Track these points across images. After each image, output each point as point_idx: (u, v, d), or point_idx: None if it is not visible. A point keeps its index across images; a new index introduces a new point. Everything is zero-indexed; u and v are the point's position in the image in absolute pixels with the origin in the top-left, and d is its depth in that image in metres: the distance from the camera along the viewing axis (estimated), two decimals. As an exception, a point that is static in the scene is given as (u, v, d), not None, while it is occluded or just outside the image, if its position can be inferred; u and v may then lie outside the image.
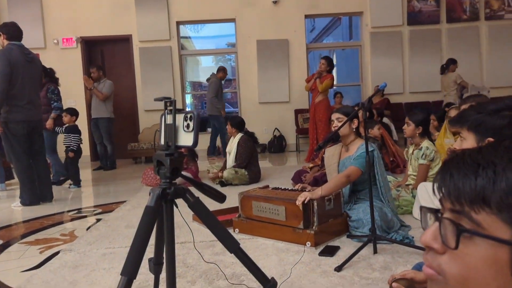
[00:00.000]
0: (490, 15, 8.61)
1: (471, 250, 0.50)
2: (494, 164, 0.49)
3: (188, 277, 2.19)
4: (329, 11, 8.90)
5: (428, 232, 0.54)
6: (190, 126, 1.07)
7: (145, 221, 1.04)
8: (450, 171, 0.52)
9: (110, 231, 3.19)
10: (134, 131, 8.48)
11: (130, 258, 1.03)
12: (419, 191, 3.13)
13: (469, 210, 0.50)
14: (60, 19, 8.30)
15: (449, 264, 0.52)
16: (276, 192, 2.95)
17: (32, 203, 4.34)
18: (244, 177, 4.85)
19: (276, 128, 8.61)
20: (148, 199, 1.09)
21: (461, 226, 0.50)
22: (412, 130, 3.48)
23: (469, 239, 0.50)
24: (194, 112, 1.08)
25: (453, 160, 0.54)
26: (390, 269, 2.17)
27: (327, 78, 6.14)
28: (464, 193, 0.50)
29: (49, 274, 2.35)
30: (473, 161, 0.51)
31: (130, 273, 1.01)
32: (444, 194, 0.53)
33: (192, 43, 13.88)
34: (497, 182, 0.48)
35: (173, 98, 1.10)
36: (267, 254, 2.50)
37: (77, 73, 8.37)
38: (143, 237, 1.03)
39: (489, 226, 0.49)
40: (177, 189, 1.10)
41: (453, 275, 0.52)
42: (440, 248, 0.53)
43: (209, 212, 1.14)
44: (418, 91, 8.65)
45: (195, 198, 1.12)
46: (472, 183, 0.50)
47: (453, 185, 0.52)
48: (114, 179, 6.03)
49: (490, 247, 0.48)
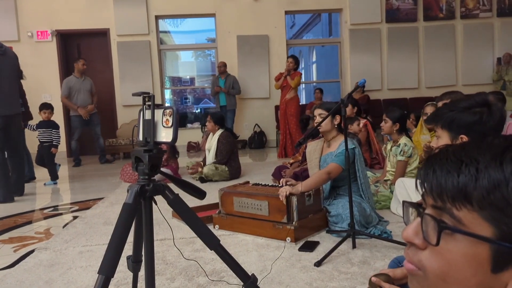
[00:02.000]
0: (466, 13, 8.79)
1: (452, 246, 0.50)
2: (477, 162, 0.49)
3: (168, 274, 2.17)
4: (309, 8, 8.92)
5: (410, 227, 0.54)
6: (169, 122, 1.05)
7: (123, 218, 1.02)
8: (433, 167, 0.52)
9: (87, 229, 3.13)
10: (112, 126, 8.33)
11: (107, 256, 1.00)
12: (397, 187, 3.19)
13: (451, 207, 0.50)
14: (35, 11, 8.06)
15: (430, 259, 0.52)
16: (256, 188, 2.95)
17: (5, 200, 4.24)
18: (224, 173, 4.83)
19: (256, 124, 8.61)
20: (126, 196, 1.07)
21: (442, 223, 0.50)
22: (390, 127, 3.53)
23: (450, 236, 0.50)
24: (174, 108, 1.06)
25: (436, 156, 0.54)
26: (369, 263, 2.20)
27: (297, 75, 6.52)
28: (446, 190, 0.50)
29: (23, 274, 2.29)
30: (456, 158, 0.51)
31: (107, 272, 0.99)
32: (427, 190, 0.53)
33: (172, 38, 13.71)
34: (479, 180, 0.48)
35: (152, 93, 1.08)
36: (248, 250, 2.50)
37: (53, 67, 8.17)
38: (121, 235, 1.01)
39: (470, 223, 0.49)
40: (156, 186, 1.08)
41: (433, 270, 0.52)
42: (421, 244, 0.53)
43: (189, 208, 1.13)
44: (396, 88, 8.78)
45: (174, 195, 1.11)
46: (455, 180, 0.50)
47: (436, 182, 0.52)
48: (92, 176, 5.92)
49: (471, 244, 0.49)
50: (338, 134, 2.99)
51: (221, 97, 7.90)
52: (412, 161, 3.44)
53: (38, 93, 7.65)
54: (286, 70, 6.57)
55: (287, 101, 6.59)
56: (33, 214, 3.78)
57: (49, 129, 5.34)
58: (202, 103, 18.04)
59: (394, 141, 3.56)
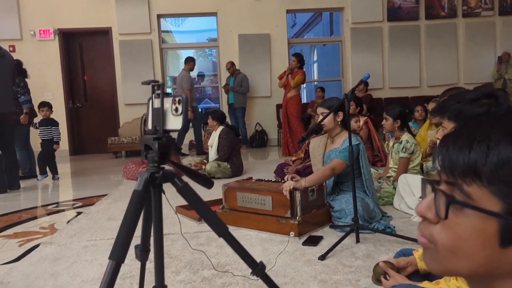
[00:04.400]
0: (467, 12, 8.80)
1: (462, 220, 0.51)
2: (489, 139, 0.51)
3: (173, 268, 2.18)
4: (311, 6, 8.94)
5: (423, 202, 0.56)
6: (178, 110, 1.06)
7: (133, 205, 1.03)
8: (447, 145, 0.54)
9: (92, 224, 3.14)
10: (114, 125, 8.35)
11: (118, 242, 1.01)
12: (400, 183, 3.20)
13: (462, 182, 0.51)
14: (37, 10, 8.08)
15: (440, 233, 0.53)
16: (260, 183, 2.96)
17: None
18: (226, 170, 4.84)
19: (257, 123, 8.62)
20: (136, 183, 1.08)
21: (452, 198, 0.52)
22: (391, 124, 3.54)
23: (460, 210, 0.51)
24: (183, 96, 1.07)
25: (452, 134, 0.55)
26: (373, 257, 2.21)
27: (298, 74, 6.44)
28: (457, 166, 0.52)
29: (29, 267, 2.31)
30: (470, 135, 0.53)
31: (118, 257, 1.00)
32: (441, 166, 0.54)
33: (173, 38, 13.74)
34: (489, 156, 0.50)
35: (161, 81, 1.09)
36: (252, 244, 2.51)
37: (55, 66, 8.19)
38: (131, 221, 1.02)
39: (479, 198, 0.50)
40: (165, 173, 1.09)
41: (443, 244, 0.53)
42: (433, 218, 0.54)
43: (198, 196, 1.14)
44: (397, 87, 8.78)
45: (183, 182, 1.12)
46: (466, 157, 0.51)
47: (448, 158, 0.53)
48: (94, 173, 5.94)
49: (480, 218, 0.50)
50: (342, 130, 2.99)
51: (230, 95, 7.94)
52: (415, 157, 3.45)
53: (40, 92, 7.67)
54: (288, 68, 6.54)
55: (288, 99, 6.56)
56: (37, 210, 3.79)
57: (48, 127, 5.42)
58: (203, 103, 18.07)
59: (396, 138, 3.57)
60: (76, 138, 8.53)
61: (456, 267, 0.53)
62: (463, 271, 0.53)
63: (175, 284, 1.99)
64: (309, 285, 1.91)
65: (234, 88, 7.81)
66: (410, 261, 1.42)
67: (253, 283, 1.92)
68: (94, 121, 8.53)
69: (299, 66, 6.52)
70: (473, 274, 0.53)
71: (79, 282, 2.08)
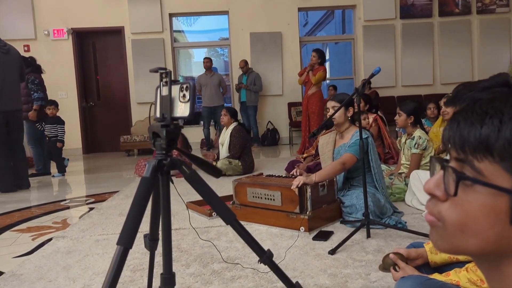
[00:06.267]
0: (482, 9, 8.67)
1: (471, 197, 0.50)
2: (502, 114, 0.49)
3: (183, 261, 2.19)
4: (323, 4, 8.90)
5: (432, 180, 0.54)
6: (186, 97, 1.06)
7: (141, 191, 1.03)
8: (458, 120, 0.53)
9: (104, 219, 3.17)
10: (126, 123, 8.42)
11: (126, 227, 1.02)
12: (411, 179, 3.16)
13: (472, 158, 0.50)
14: (51, 10, 8.20)
15: (449, 210, 0.52)
16: (270, 179, 2.96)
17: (8, 190, 4.44)
18: (238, 168, 4.85)
19: (269, 121, 8.61)
20: (144, 170, 1.09)
21: (462, 174, 0.50)
22: (404, 120, 3.50)
23: (470, 187, 0.50)
24: (190, 83, 1.07)
25: (463, 110, 0.54)
26: (384, 252, 2.18)
27: (319, 70, 6.23)
28: (468, 141, 0.50)
29: (41, 260, 2.34)
30: (482, 111, 0.51)
31: (126, 242, 1.00)
32: (451, 142, 0.53)
33: (185, 37, 13.79)
34: (502, 131, 0.48)
35: (169, 69, 1.10)
36: (262, 239, 2.50)
37: (69, 65, 8.29)
38: (139, 207, 1.02)
39: (490, 174, 0.49)
40: (173, 160, 1.09)
41: (451, 221, 0.52)
42: (442, 196, 0.53)
43: (206, 184, 1.14)
44: (410, 85, 8.69)
45: (191, 170, 1.12)
46: (477, 132, 0.50)
47: (459, 134, 0.52)
48: (107, 171, 6.00)
49: (490, 195, 0.49)
50: (351, 125, 2.98)
51: (242, 93, 7.95)
52: (427, 153, 3.41)
53: (54, 91, 7.77)
54: (309, 64, 6.34)
55: (309, 97, 6.34)
56: (50, 206, 3.84)
57: (54, 125, 5.50)
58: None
59: (408, 134, 3.53)
60: (89, 136, 8.63)
61: (464, 244, 0.52)
62: (471, 249, 0.52)
63: (185, 277, 1.99)
64: (318, 279, 1.90)
65: (248, 86, 7.82)
66: (421, 253, 1.40)
67: (262, 276, 1.91)
68: (107, 119, 8.62)
69: (320, 62, 6.29)
70: (482, 252, 0.51)
71: (90, 274, 2.10)
